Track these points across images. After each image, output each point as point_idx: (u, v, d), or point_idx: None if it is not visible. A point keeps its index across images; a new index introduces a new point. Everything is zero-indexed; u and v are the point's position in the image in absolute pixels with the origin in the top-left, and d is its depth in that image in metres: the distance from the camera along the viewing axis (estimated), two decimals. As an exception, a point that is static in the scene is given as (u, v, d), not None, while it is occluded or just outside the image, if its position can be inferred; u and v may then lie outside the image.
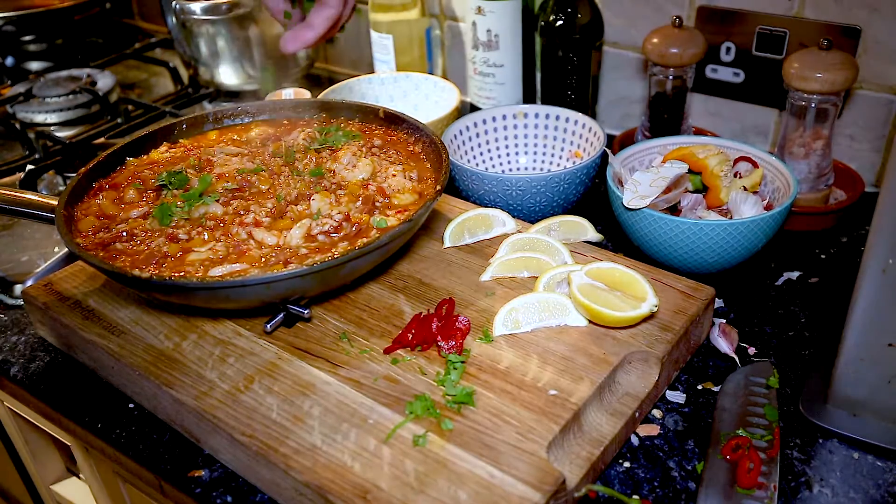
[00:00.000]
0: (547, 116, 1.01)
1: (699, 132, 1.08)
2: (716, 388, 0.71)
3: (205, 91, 1.37)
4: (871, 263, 0.58)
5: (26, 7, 1.50)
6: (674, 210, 0.84)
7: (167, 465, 0.66)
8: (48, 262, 0.91)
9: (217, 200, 0.75)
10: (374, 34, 1.20)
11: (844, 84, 0.85)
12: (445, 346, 0.67)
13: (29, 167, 1.10)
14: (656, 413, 0.68)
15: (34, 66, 1.52)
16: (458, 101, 1.05)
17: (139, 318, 0.74)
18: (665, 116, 1.01)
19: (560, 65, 1.08)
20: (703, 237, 0.77)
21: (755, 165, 0.87)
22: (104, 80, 1.34)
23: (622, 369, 0.66)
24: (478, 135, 1.01)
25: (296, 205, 0.75)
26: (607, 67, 1.16)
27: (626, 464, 0.64)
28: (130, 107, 1.32)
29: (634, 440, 0.66)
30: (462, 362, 0.65)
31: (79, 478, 1.07)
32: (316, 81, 1.44)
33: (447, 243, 0.82)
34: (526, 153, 1.03)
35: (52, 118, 1.27)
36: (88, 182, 0.80)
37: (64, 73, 1.37)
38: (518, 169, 1.04)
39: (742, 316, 0.80)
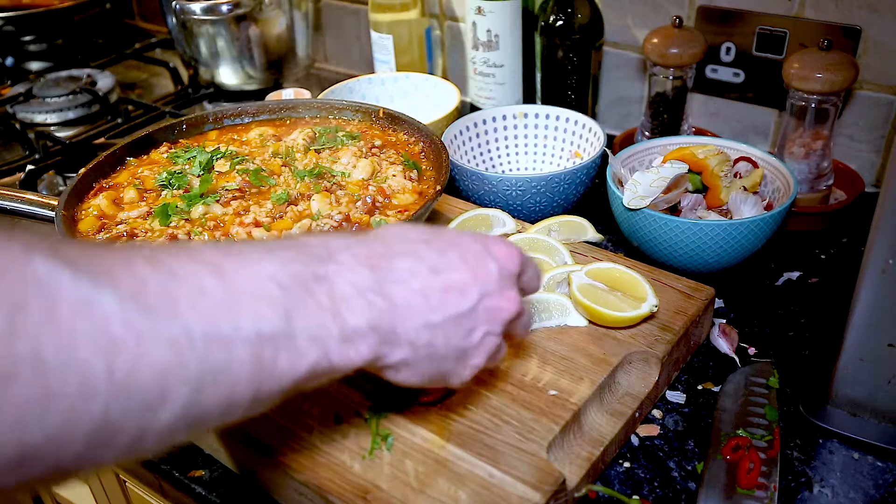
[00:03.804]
0: (547, 116, 1.01)
1: (699, 132, 1.08)
2: (716, 389, 0.71)
3: (205, 91, 1.37)
4: (871, 263, 0.58)
5: (26, 7, 1.49)
6: (674, 210, 0.84)
7: (167, 465, 0.66)
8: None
9: (217, 201, 0.75)
10: (374, 34, 1.20)
11: (844, 84, 0.85)
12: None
13: (29, 167, 1.10)
14: (656, 413, 0.68)
15: (34, 66, 1.51)
16: (458, 101, 1.05)
17: (139, 318, 0.74)
18: (665, 116, 1.01)
19: (560, 65, 1.08)
20: (703, 237, 0.77)
21: (755, 165, 0.87)
22: (104, 81, 1.34)
23: (622, 369, 0.66)
24: (478, 135, 1.01)
25: (296, 205, 0.75)
26: (607, 67, 1.16)
27: (626, 464, 0.64)
28: (130, 107, 1.32)
29: (634, 440, 0.66)
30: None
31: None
32: (316, 81, 1.44)
33: (447, 243, 0.81)
34: (526, 153, 1.03)
35: (52, 118, 1.27)
36: (88, 182, 0.80)
37: (64, 73, 1.37)
38: (518, 169, 1.04)
39: (742, 316, 0.80)
